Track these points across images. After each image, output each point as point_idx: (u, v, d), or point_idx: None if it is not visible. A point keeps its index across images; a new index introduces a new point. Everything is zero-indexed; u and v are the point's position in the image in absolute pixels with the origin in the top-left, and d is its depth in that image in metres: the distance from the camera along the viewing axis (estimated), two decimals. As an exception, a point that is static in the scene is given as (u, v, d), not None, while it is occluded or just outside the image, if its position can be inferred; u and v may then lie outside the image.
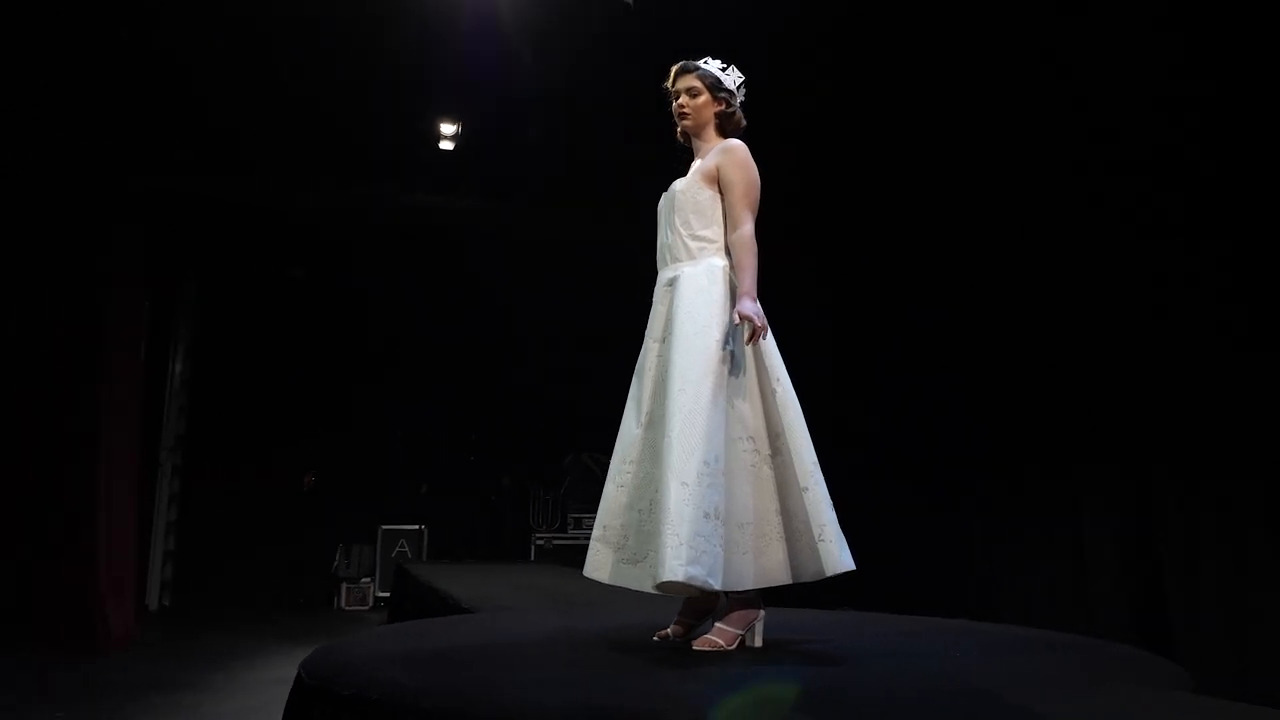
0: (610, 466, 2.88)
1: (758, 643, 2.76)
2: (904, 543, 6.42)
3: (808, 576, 2.65)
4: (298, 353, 8.65)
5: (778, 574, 2.67)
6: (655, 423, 2.72)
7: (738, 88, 3.05)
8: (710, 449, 2.58)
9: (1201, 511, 4.46)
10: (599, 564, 2.80)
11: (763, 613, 2.78)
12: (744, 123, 3.06)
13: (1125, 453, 5.02)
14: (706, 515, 2.51)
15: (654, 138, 3.27)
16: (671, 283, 2.85)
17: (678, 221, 2.90)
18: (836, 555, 2.60)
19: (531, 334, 8.52)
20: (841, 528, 2.69)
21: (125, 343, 6.52)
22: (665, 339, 2.80)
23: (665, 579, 2.45)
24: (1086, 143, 5.17)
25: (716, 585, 2.51)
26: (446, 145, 7.61)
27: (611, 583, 2.77)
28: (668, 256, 2.92)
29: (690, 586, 2.48)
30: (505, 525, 9.01)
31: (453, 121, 7.42)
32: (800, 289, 6.45)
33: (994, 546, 5.90)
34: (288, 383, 8.54)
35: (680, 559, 2.45)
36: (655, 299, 2.92)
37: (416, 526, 8.67)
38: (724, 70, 3.04)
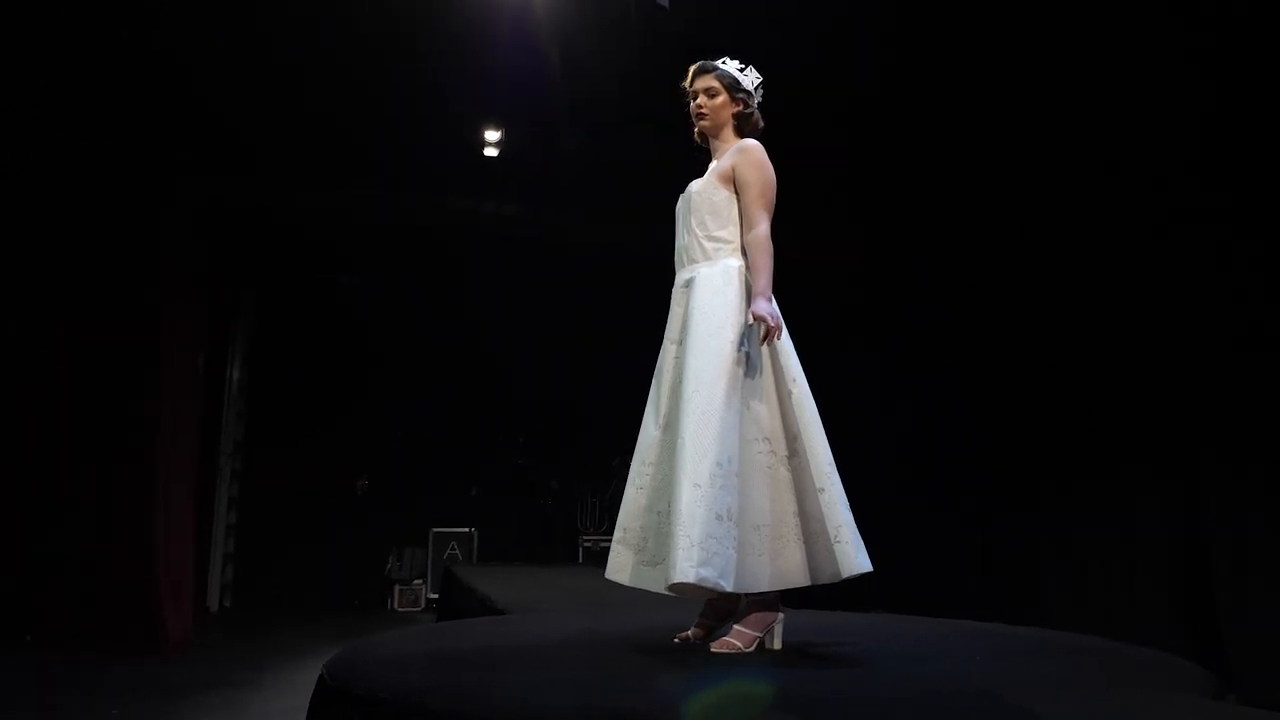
0: (630, 469, 2.90)
1: (777, 645, 2.76)
2: (946, 545, 6.38)
3: (825, 578, 2.64)
4: (350, 358, 8.82)
5: (795, 576, 2.66)
6: (672, 425, 2.73)
7: (755, 88, 3.05)
8: (723, 450, 2.58)
9: (1251, 511, 4.35)
10: (620, 566, 2.82)
11: (782, 615, 2.78)
12: (762, 124, 3.05)
13: (1174, 452, 4.92)
14: (719, 517, 2.52)
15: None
16: (688, 284, 2.86)
17: (694, 223, 2.91)
18: (853, 557, 2.59)
19: (579, 337, 8.58)
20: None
21: (182, 349, 6.67)
22: (682, 340, 2.81)
23: (676, 580, 2.47)
24: (1122, 137, 5.09)
25: (728, 587, 2.52)
26: (491, 152, 7.74)
27: (632, 584, 2.79)
28: (684, 258, 2.93)
29: (701, 588, 2.48)
30: (554, 528, 9.08)
31: (497, 128, 7.55)
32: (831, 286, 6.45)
33: (1040, 548, 5.81)
34: (340, 388, 8.71)
35: (691, 560, 2.46)
36: (673, 300, 2.93)
37: (467, 529, 8.78)
38: (742, 71, 3.04)
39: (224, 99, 6.05)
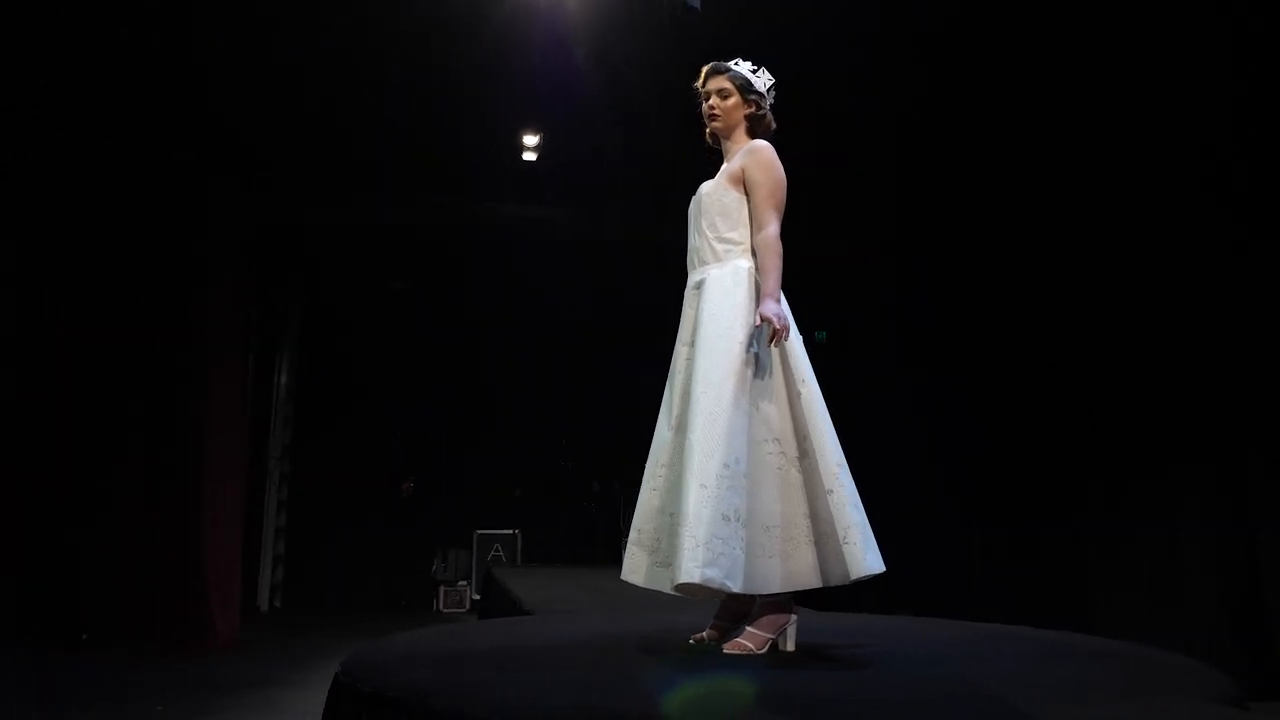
0: (645, 470, 2.91)
1: (790, 647, 2.74)
2: (991, 547, 6.29)
3: (836, 580, 2.62)
4: (395, 362, 8.96)
5: (807, 577, 2.64)
6: (683, 426, 2.73)
7: (768, 90, 3.03)
8: (730, 451, 2.58)
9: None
10: (634, 567, 2.83)
11: (795, 616, 2.76)
12: (774, 125, 3.04)
13: (1221, 452, 4.82)
14: (725, 518, 2.52)
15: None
16: (699, 286, 2.86)
17: (704, 225, 2.91)
18: (861, 559, 2.56)
19: (623, 340, 8.60)
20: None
21: (226, 353, 6.81)
22: (693, 342, 2.81)
23: (681, 580, 2.47)
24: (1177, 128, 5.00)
25: (735, 588, 2.51)
26: (530, 156, 7.81)
27: (646, 585, 2.79)
28: (696, 260, 2.93)
29: (707, 589, 2.48)
30: (596, 530, 9.11)
31: (534, 133, 7.61)
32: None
33: (1086, 549, 5.72)
34: (386, 392, 8.85)
35: (696, 561, 2.46)
36: (685, 303, 2.93)
37: (511, 531, 8.86)
38: (755, 72, 3.03)
39: (272, 110, 6.21)
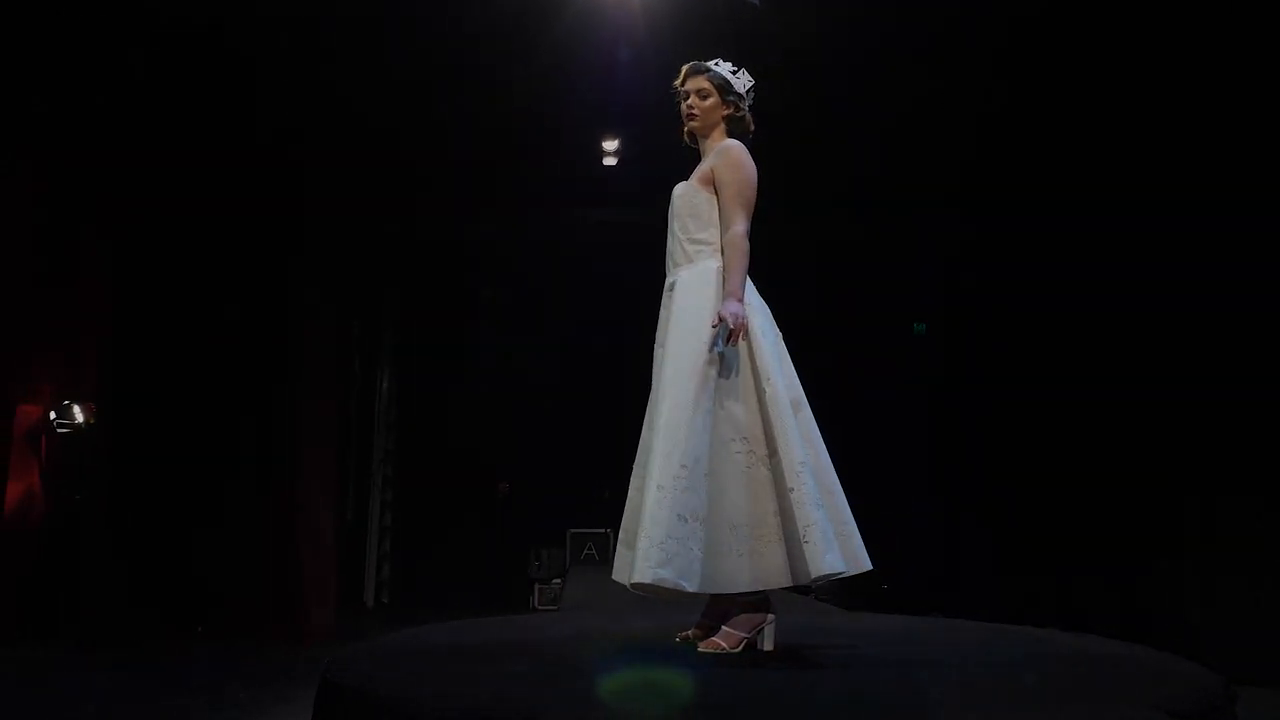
0: (632, 471, 2.96)
1: (768, 646, 2.73)
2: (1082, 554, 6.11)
3: (803, 579, 2.61)
4: (488, 367, 9.24)
5: (777, 576, 2.63)
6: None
7: (747, 92, 3.02)
8: (689, 452, 2.59)
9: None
10: (622, 567, 2.85)
11: (772, 616, 2.75)
12: (753, 127, 3.02)
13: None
14: (681, 518, 2.54)
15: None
16: (671, 288, 2.89)
17: (676, 226, 2.92)
18: (821, 557, 2.54)
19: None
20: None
21: (321, 364, 7.20)
22: (664, 344, 2.85)
23: (635, 580, 2.52)
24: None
25: (691, 587, 2.53)
26: (610, 161, 7.93)
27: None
28: (670, 262, 2.95)
29: (660, 589, 2.51)
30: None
31: (613, 138, 7.73)
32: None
33: (1181, 567, 5.51)
34: (481, 397, 9.14)
35: (650, 561, 2.49)
36: (662, 305, 2.96)
37: (603, 530, 8.99)
38: (735, 73, 3.03)
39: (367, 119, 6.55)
